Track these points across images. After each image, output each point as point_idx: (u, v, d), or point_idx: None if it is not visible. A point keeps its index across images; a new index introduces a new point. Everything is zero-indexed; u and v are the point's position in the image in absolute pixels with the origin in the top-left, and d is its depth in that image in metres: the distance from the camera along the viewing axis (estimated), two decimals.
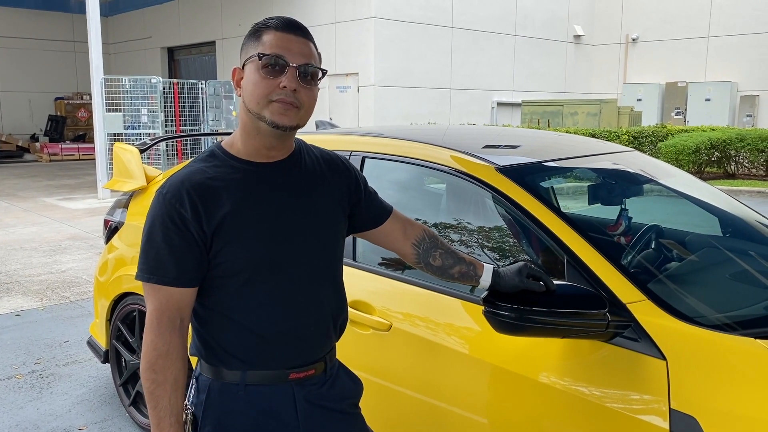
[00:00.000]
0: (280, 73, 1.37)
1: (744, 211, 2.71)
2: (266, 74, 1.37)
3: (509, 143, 2.79)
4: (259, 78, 1.37)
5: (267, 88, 1.37)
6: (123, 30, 19.86)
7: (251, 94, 1.39)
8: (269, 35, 1.39)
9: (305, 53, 1.40)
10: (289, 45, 1.38)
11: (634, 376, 1.69)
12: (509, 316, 1.64)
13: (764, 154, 12.26)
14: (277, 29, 1.39)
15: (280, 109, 1.37)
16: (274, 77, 1.37)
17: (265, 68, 1.37)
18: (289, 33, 1.39)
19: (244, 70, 1.43)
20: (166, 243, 1.38)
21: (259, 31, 1.41)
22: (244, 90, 1.41)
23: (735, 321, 1.83)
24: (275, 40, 1.38)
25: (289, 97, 1.37)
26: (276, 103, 1.37)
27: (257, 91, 1.37)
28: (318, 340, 1.53)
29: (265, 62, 1.37)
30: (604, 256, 1.86)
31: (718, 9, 15.72)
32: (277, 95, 1.37)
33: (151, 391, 1.38)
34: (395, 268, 2.31)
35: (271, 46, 1.37)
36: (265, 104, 1.37)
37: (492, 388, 1.94)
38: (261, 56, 1.37)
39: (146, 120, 11.18)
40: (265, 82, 1.37)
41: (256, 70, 1.38)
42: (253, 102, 1.38)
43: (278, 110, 1.37)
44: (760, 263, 2.44)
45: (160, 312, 1.38)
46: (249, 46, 1.42)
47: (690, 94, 15.78)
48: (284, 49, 1.37)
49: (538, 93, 16.13)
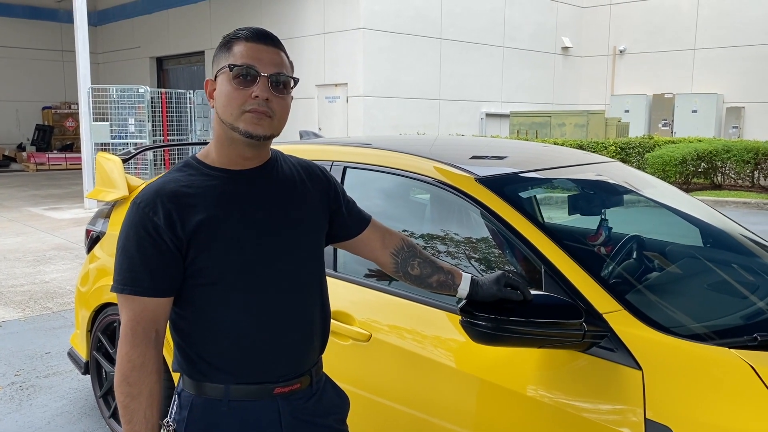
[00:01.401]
0: (251, 83, 1.37)
1: (725, 222, 2.73)
2: (238, 85, 1.37)
3: (495, 154, 2.80)
4: (232, 89, 1.37)
5: (239, 99, 1.37)
6: (112, 39, 19.82)
7: (224, 105, 1.39)
8: (240, 46, 1.39)
9: (276, 62, 1.40)
10: (259, 55, 1.38)
11: (610, 386, 1.69)
12: (486, 326, 1.64)
13: (750, 166, 12.37)
14: (247, 40, 1.40)
15: (254, 119, 1.37)
16: (245, 87, 1.37)
17: (236, 79, 1.37)
18: (259, 43, 1.40)
19: (216, 81, 1.43)
20: (139, 253, 1.36)
21: (230, 42, 1.41)
22: (217, 101, 1.41)
23: (711, 331, 1.83)
24: (246, 51, 1.38)
25: (261, 106, 1.37)
26: (249, 113, 1.37)
27: (230, 102, 1.37)
28: (302, 351, 1.51)
29: (237, 73, 1.37)
30: (581, 266, 1.86)
31: (704, 22, 15.91)
32: (250, 105, 1.37)
33: (126, 404, 1.36)
34: (375, 279, 2.31)
35: (242, 56, 1.38)
36: (238, 115, 1.37)
37: (471, 398, 1.93)
38: (232, 67, 1.37)
39: (133, 130, 11.14)
40: (237, 93, 1.37)
41: (227, 81, 1.38)
42: (227, 113, 1.38)
43: (251, 120, 1.37)
44: (740, 274, 2.45)
45: (134, 323, 1.36)
46: (220, 57, 1.43)
47: (677, 106, 15.92)
48: (255, 59, 1.38)
49: (526, 104, 16.22)
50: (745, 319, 1.97)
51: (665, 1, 16.47)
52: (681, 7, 16.20)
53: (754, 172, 12.57)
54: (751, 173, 12.57)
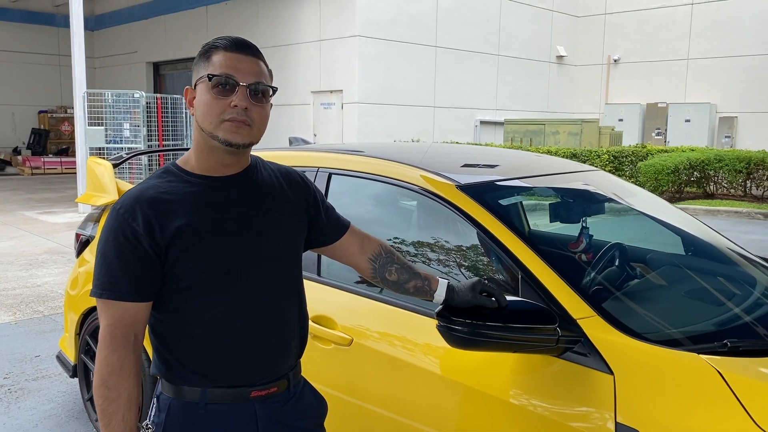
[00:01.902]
0: (230, 92, 1.40)
1: (706, 231, 2.77)
2: (217, 94, 1.40)
3: (486, 162, 2.84)
4: (211, 98, 1.40)
5: (218, 108, 1.40)
6: (109, 44, 19.87)
7: (204, 114, 1.41)
8: (218, 55, 1.42)
9: (255, 72, 1.43)
10: (238, 64, 1.41)
11: (583, 390, 1.72)
12: (462, 331, 1.68)
13: (742, 175, 12.45)
14: (226, 49, 1.42)
15: (232, 128, 1.40)
16: (224, 97, 1.40)
17: (215, 88, 1.40)
18: (238, 52, 1.42)
19: (196, 89, 1.45)
20: (118, 258, 1.39)
21: (209, 52, 1.44)
22: (196, 109, 1.44)
23: (685, 337, 1.87)
24: (225, 60, 1.41)
25: (240, 115, 1.40)
26: (228, 122, 1.40)
27: (209, 111, 1.40)
28: (280, 355, 1.54)
29: (216, 82, 1.39)
30: (557, 272, 1.90)
31: (697, 32, 16.03)
32: (229, 114, 1.39)
33: (104, 408, 1.38)
34: (359, 284, 2.34)
35: (220, 66, 1.40)
36: (217, 123, 1.40)
37: (450, 402, 1.96)
38: (211, 77, 1.40)
39: (128, 134, 11.17)
40: (216, 102, 1.40)
41: (207, 90, 1.40)
42: (206, 122, 1.41)
43: (230, 129, 1.40)
44: (718, 281, 2.49)
45: (113, 327, 1.39)
46: (200, 66, 1.45)
47: (670, 115, 16.02)
48: (233, 68, 1.40)
49: (520, 112, 16.30)
50: (718, 326, 2.01)
51: (659, 12, 16.60)
52: (675, 17, 16.33)
53: (746, 181, 12.65)
54: (743, 183, 12.65)
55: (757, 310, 2.12)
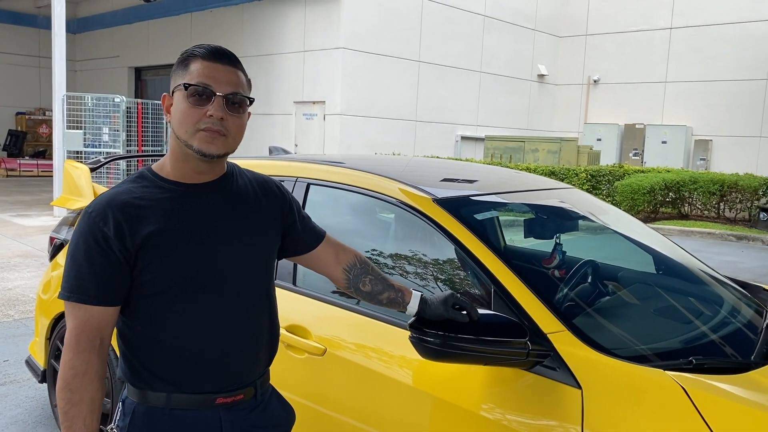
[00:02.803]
0: (207, 101, 1.40)
1: (676, 251, 2.83)
2: (193, 103, 1.40)
3: (466, 177, 2.87)
4: (187, 106, 1.40)
5: (194, 117, 1.40)
6: (90, 48, 19.70)
7: (179, 123, 1.41)
8: (196, 64, 1.42)
9: (232, 82, 1.43)
10: (215, 74, 1.41)
11: (551, 404, 1.75)
12: (434, 343, 1.69)
13: (716, 197, 12.68)
14: (204, 58, 1.42)
15: (208, 138, 1.40)
16: (200, 106, 1.40)
17: (192, 97, 1.40)
18: (215, 62, 1.42)
19: (173, 97, 1.45)
20: (87, 262, 1.38)
21: (187, 60, 1.43)
22: (173, 117, 1.44)
23: (652, 353, 1.91)
24: (202, 69, 1.41)
25: (216, 125, 1.40)
26: (203, 131, 1.40)
27: (185, 120, 1.40)
28: (247, 363, 1.54)
29: (192, 91, 1.39)
30: (529, 287, 1.93)
31: (675, 56, 16.36)
32: (205, 124, 1.40)
33: (66, 411, 1.37)
34: (333, 294, 2.35)
35: (198, 75, 1.40)
36: (193, 132, 1.40)
37: (422, 414, 1.97)
38: (187, 86, 1.40)
39: (107, 139, 11.06)
40: (192, 111, 1.40)
41: (183, 98, 1.41)
42: (182, 130, 1.41)
43: (205, 139, 1.40)
44: (687, 300, 2.55)
45: (79, 331, 1.38)
46: (177, 74, 1.45)
47: (647, 136, 16.28)
48: (210, 78, 1.40)
49: (501, 129, 16.46)
50: (685, 343, 2.05)
51: (639, 35, 16.91)
52: (654, 41, 16.65)
53: (720, 203, 12.88)
54: (716, 204, 12.88)
55: (723, 328, 2.16)
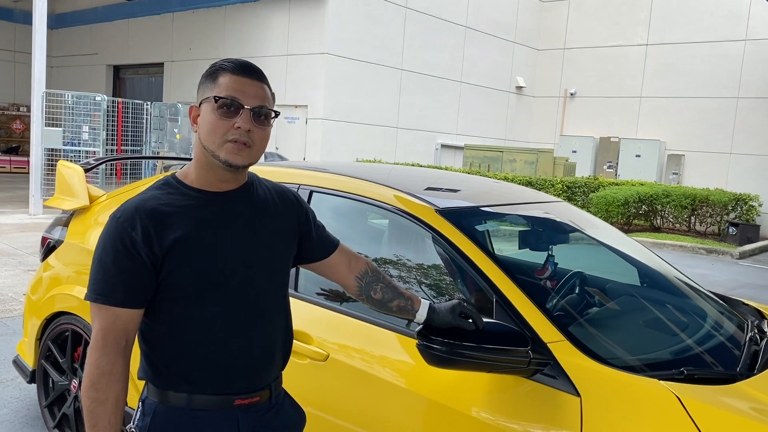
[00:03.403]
0: (235, 114, 1.46)
1: (660, 264, 2.94)
2: (222, 115, 1.46)
3: (449, 186, 2.95)
4: (215, 118, 1.46)
5: (222, 129, 1.46)
6: (68, 44, 19.44)
7: (207, 134, 1.47)
8: (225, 78, 1.48)
9: (259, 95, 1.50)
10: (243, 88, 1.47)
11: (551, 411, 1.82)
12: (440, 350, 1.76)
13: (687, 211, 13.00)
14: (233, 72, 1.48)
15: (234, 149, 1.47)
16: (229, 118, 1.46)
17: (220, 109, 1.46)
18: (244, 76, 1.49)
19: (200, 108, 1.51)
20: (115, 265, 1.43)
21: (216, 73, 1.49)
22: (200, 128, 1.49)
23: (644, 363, 2.00)
24: (231, 83, 1.47)
25: (242, 137, 1.46)
26: (230, 143, 1.46)
27: (213, 131, 1.46)
28: (265, 366, 1.59)
29: (221, 104, 1.46)
30: (529, 298, 2.01)
31: (650, 72, 16.74)
32: (232, 135, 1.46)
33: (92, 409, 1.41)
34: (335, 300, 2.40)
35: (226, 88, 1.46)
36: (220, 144, 1.46)
37: (424, 420, 2.03)
38: (217, 99, 1.46)
39: (87, 137, 10.94)
40: (220, 123, 1.46)
41: (212, 110, 1.46)
42: (209, 141, 1.47)
43: (232, 150, 1.47)
44: (672, 312, 2.65)
45: (106, 332, 1.43)
46: (206, 86, 1.50)
47: (622, 150, 16.61)
48: (239, 91, 1.47)
49: (480, 138, 16.66)
50: (674, 354, 2.14)
51: (616, 50, 17.27)
52: (630, 56, 17.02)
53: (691, 217, 13.22)
54: (688, 218, 13.21)
55: (709, 341, 2.27)
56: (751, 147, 15.10)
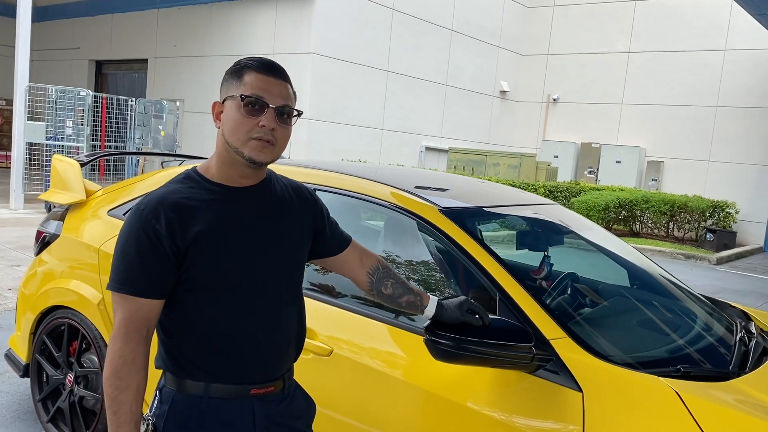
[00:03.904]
0: (259, 112, 1.50)
1: (649, 265, 3.02)
2: (247, 113, 1.49)
3: (437, 185, 3.00)
4: (240, 116, 1.49)
5: (247, 126, 1.49)
6: (50, 38, 19.18)
7: (232, 130, 1.51)
8: (251, 76, 1.51)
9: (283, 95, 1.53)
10: (268, 86, 1.51)
11: (553, 406, 1.88)
12: (447, 345, 1.80)
13: (666, 217, 13.24)
14: (258, 71, 1.52)
15: (258, 147, 1.51)
16: (254, 116, 1.49)
17: (246, 107, 1.49)
18: (269, 75, 1.53)
19: (224, 105, 1.54)
20: (138, 256, 1.46)
21: (241, 71, 1.53)
22: (224, 125, 1.53)
23: (641, 361, 2.06)
24: (256, 81, 1.51)
25: (266, 135, 1.50)
26: (255, 140, 1.50)
27: (238, 128, 1.50)
28: (280, 357, 1.63)
29: (247, 102, 1.49)
30: (532, 296, 2.06)
31: (632, 79, 16.99)
32: (257, 133, 1.49)
33: (114, 396, 1.44)
34: (338, 296, 2.44)
35: (252, 86, 1.50)
36: (245, 141, 1.50)
37: (428, 415, 2.07)
38: (243, 97, 1.49)
39: (70, 132, 10.83)
40: (245, 121, 1.49)
41: (237, 108, 1.50)
42: (234, 138, 1.51)
43: (256, 147, 1.50)
44: (662, 312, 2.73)
45: (128, 321, 1.46)
46: (230, 84, 1.54)
47: (602, 155, 16.84)
48: (264, 90, 1.50)
49: (464, 141, 16.78)
50: (669, 353, 2.22)
51: (598, 57, 17.51)
52: (612, 63, 17.26)
53: (669, 223, 13.45)
54: (666, 224, 13.44)
55: (702, 340, 2.34)
56: (729, 155, 15.40)
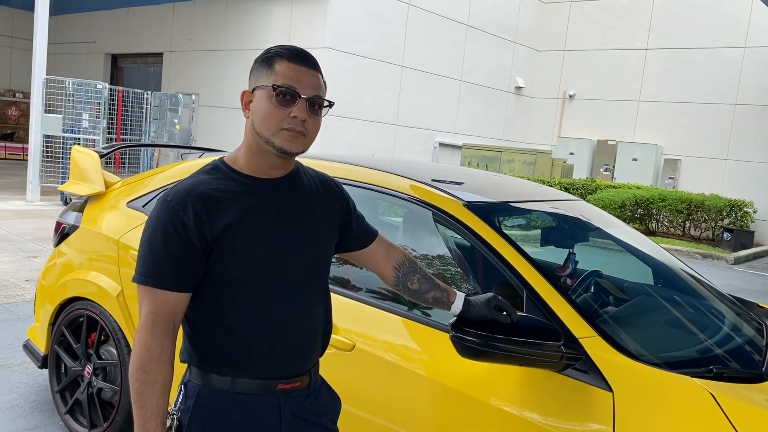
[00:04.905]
0: (291, 103, 1.46)
1: (674, 263, 2.96)
2: (278, 103, 1.46)
3: (453, 179, 2.95)
4: (272, 106, 1.46)
5: (278, 116, 1.46)
6: (66, 31, 19.28)
7: (263, 121, 1.47)
8: (282, 65, 1.48)
9: (314, 85, 1.50)
10: (300, 76, 1.48)
11: (582, 406, 1.83)
12: (474, 342, 1.76)
13: (683, 215, 13.09)
14: (289, 60, 1.48)
15: (290, 137, 1.47)
16: (285, 107, 1.46)
17: (277, 98, 1.46)
18: (301, 65, 1.49)
19: (254, 94, 1.51)
20: (166, 249, 1.43)
21: (272, 60, 1.49)
22: (254, 114, 1.49)
23: (672, 361, 2.01)
24: (288, 71, 1.47)
25: (298, 126, 1.47)
26: (286, 131, 1.46)
27: (269, 119, 1.46)
28: (306, 352, 1.60)
29: (278, 92, 1.46)
30: (560, 294, 2.02)
31: (649, 76, 16.81)
32: (288, 124, 1.46)
33: (140, 391, 1.41)
34: (361, 290, 2.40)
35: (284, 76, 1.46)
36: (276, 131, 1.46)
37: (451, 412, 2.03)
38: (276, 87, 1.45)
39: (87, 125, 10.87)
40: (277, 111, 1.46)
41: (268, 98, 1.46)
42: (264, 128, 1.47)
43: (288, 138, 1.47)
44: (689, 311, 2.67)
45: (155, 315, 1.43)
46: (260, 72, 1.50)
47: (619, 153, 16.69)
48: (296, 80, 1.47)
49: (478, 137, 16.68)
50: (699, 353, 2.16)
51: (615, 54, 17.34)
52: (629, 60, 17.09)
53: (686, 222, 13.30)
54: (683, 222, 13.29)
55: (732, 341, 2.29)
56: (747, 153, 15.21)
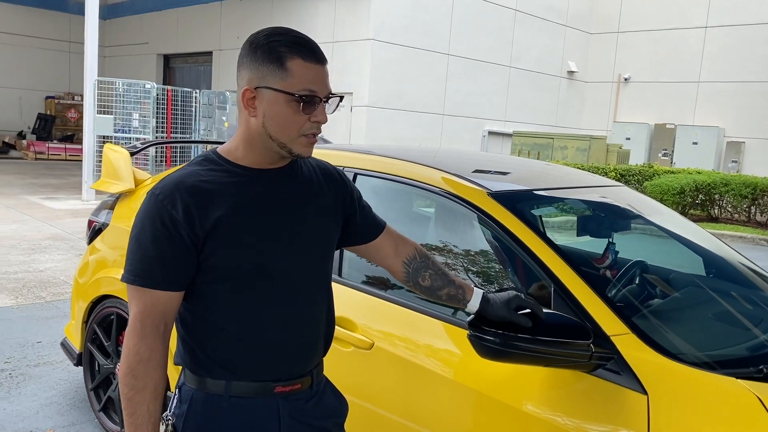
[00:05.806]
0: (311, 107, 1.36)
1: (728, 253, 2.73)
2: (300, 110, 1.35)
3: (499, 169, 2.80)
4: (291, 113, 1.35)
5: (299, 123, 1.36)
6: (120, 34, 19.85)
7: (282, 128, 1.36)
8: (296, 65, 1.34)
9: (328, 83, 1.40)
10: (318, 77, 1.37)
11: (614, 410, 1.68)
12: (494, 342, 1.63)
13: (747, 200, 12.43)
14: (304, 59, 1.35)
15: (308, 143, 1.40)
16: (306, 113, 1.36)
17: (298, 104, 1.35)
18: (315, 62, 1.37)
19: (258, 92, 1.36)
20: (154, 245, 1.35)
21: (282, 57, 1.34)
22: (268, 119, 1.36)
23: (716, 360, 1.83)
24: (306, 73, 1.35)
25: (318, 130, 1.39)
26: (305, 137, 1.38)
27: (288, 125, 1.36)
28: (306, 353, 1.51)
29: (304, 101, 1.35)
30: (590, 287, 1.86)
31: (709, 55, 16.05)
32: (308, 130, 1.38)
33: (130, 397, 1.35)
34: (380, 286, 2.30)
35: (302, 79, 1.34)
36: (295, 137, 1.38)
37: (472, 414, 1.92)
38: (300, 96, 1.34)
39: (137, 125, 11.12)
40: (297, 118, 1.36)
41: (285, 103, 1.35)
42: (283, 135, 1.37)
43: (306, 144, 1.39)
44: (742, 304, 2.45)
45: (144, 316, 1.35)
46: (266, 69, 1.35)
47: (678, 137, 16.02)
48: (315, 82, 1.36)
49: (529, 125, 16.29)
50: (750, 351, 1.97)
51: (672, 33, 16.62)
52: (687, 39, 16.35)
53: (751, 207, 12.62)
54: (747, 208, 12.62)
55: None
56: None
